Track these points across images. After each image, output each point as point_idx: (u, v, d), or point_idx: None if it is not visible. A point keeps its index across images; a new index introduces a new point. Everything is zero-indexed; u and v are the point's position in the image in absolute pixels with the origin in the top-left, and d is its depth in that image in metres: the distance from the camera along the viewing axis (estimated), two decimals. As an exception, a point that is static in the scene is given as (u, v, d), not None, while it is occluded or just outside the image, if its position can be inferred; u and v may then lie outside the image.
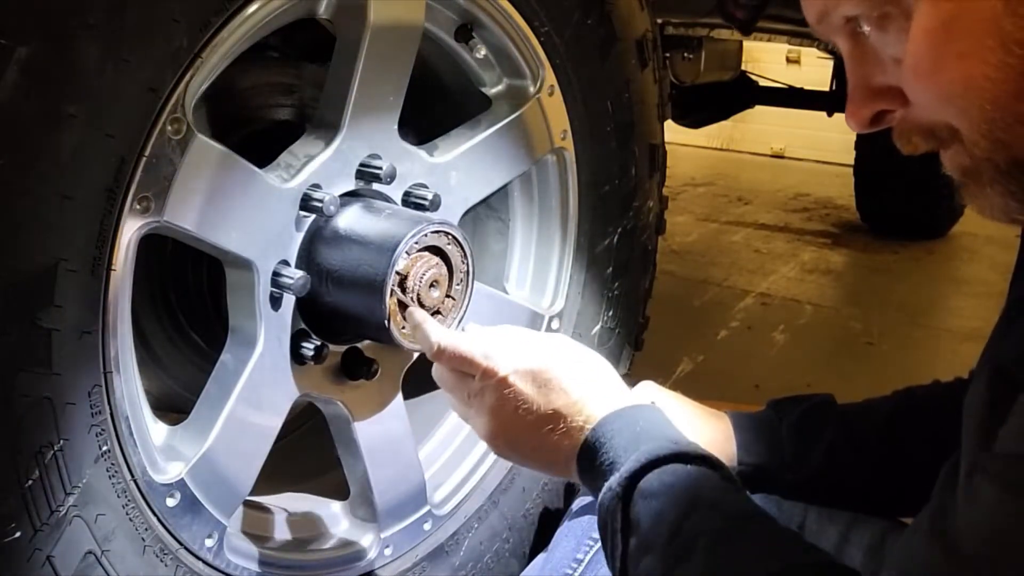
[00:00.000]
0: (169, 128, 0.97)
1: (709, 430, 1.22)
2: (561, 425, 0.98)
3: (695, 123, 4.01)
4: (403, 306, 1.16)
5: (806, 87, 4.39)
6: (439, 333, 1.11)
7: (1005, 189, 0.75)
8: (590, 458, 0.95)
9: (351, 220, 1.18)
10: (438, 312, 1.21)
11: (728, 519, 0.84)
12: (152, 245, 1.20)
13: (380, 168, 1.21)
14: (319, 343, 1.21)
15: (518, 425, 1.01)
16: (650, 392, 1.25)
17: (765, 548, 0.81)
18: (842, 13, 0.78)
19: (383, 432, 1.31)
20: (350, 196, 1.21)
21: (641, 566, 0.86)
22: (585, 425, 0.97)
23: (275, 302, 1.16)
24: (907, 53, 0.74)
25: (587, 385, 1.01)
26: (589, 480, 0.97)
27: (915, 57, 0.73)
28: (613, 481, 0.90)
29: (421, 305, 1.17)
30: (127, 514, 1.02)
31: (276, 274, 1.14)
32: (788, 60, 5.71)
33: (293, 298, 1.17)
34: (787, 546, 0.82)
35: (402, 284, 1.16)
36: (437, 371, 1.11)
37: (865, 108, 0.80)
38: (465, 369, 1.06)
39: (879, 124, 0.81)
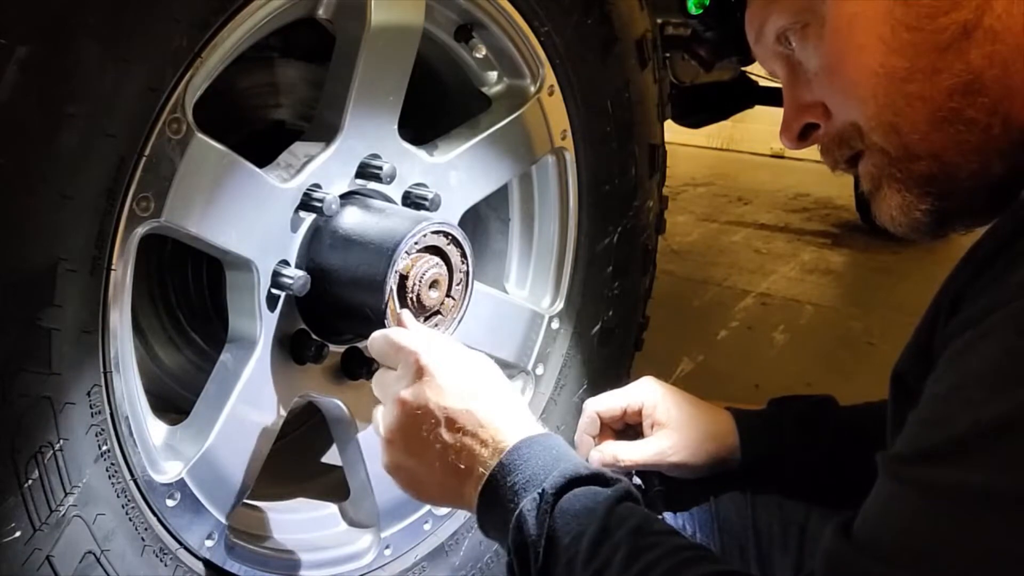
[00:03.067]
0: (169, 128, 0.97)
1: (711, 423, 1.22)
2: (461, 445, 0.95)
3: (695, 123, 4.00)
4: (403, 306, 1.16)
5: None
6: (380, 331, 1.08)
7: (900, 184, 0.82)
8: (499, 480, 0.92)
9: (351, 220, 1.18)
10: (438, 312, 1.21)
11: (644, 535, 0.85)
12: (152, 245, 1.20)
13: (380, 168, 1.21)
14: (319, 343, 1.21)
15: (412, 445, 0.98)
16: (651, 387, 1.25)
17: (677, 559, 0.82)
18: (773, 28, 0.86)
19: (383, 432, 1.31)
20: (350, 196, 1.21)
21: None
22: (486, 450, 0.94)
23: (275, 302, 1.16)
24: (821, 55, 0.82)
25: (497, 410, 0.98)
26: (493, 502, 0.93)
27: (826, 56, 0.81)
28: (531, 500, 0.88)
29: (421, 305, 1.17)
30: (127, 514, 1.02)
31: (276, 274, 1.14)
32: (788, 60, 5.70)
33: (293, 298, 1.17)
34: (702, 556, 0.84)
35: (402, 284, 1.15)
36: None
37: (794, 123, 0.88)
38: (385, 362, 1.05)
39: (806, 140, 0.89)
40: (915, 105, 0.77)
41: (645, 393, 1.23)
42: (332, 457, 1.48)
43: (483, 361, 1.04)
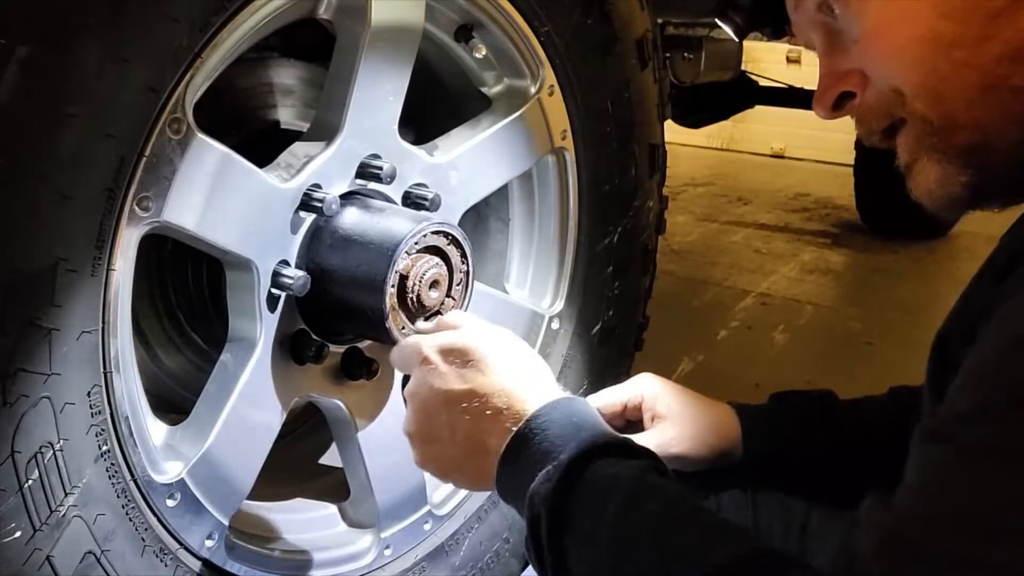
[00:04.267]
0: (169, 128, 0.97)
1: (712, 416, 1.21)
2: (486, 410, 0.91)
3: (695, 123, 4.00)
4: (403, 306, 1.16)
5: (806, 87, 4.38)
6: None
7: (941, 155, 0.81)
8: (519, 449, 0.89)
9: (351, 220, 1.18)
10: (438, 312, 1.21)
11: (673, 507, 0.81)
12: (152, 245, 1.20)
13: (380, 168, 1.21)
14: (319, 343, 1.21)
15: (433, 409, 0.95)
16: (650, 381, 1.24)
17: (713, 536, 0.78)
18: None
19: (383, 432, 1.31)
20: (350, 196, 1.21)
21: (582, 558, 0.81)
22: (512, 414, 0.91)
23: (275, 302, 1.16)
24: (865, 21, 0.81)
25: (518, 374, 0.95)
26: (512, 474, 0.89)
27: (871, 21, 0.81)
28: (552, 471, 0.84)
29: (421, 305, 1.17)
30: (127, 514, 1.02)
31: (276, 274, 1.14)
32: (788, 60, 5.70)
33: (293, 298, 1.17)
34: (734, 534, 0.80)
35: (402, 284, 1.15)
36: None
37: (831, 91, 0.87)
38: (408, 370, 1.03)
39: (841, 109, 0.88)
40: (962, 71, 0.77)
41: (645, 387, 1.23)
42: (331, 458, 1.48)
43: (507, 336, 1.01)
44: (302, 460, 1.52)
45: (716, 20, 1.06)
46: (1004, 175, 0.81)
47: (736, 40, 2.33)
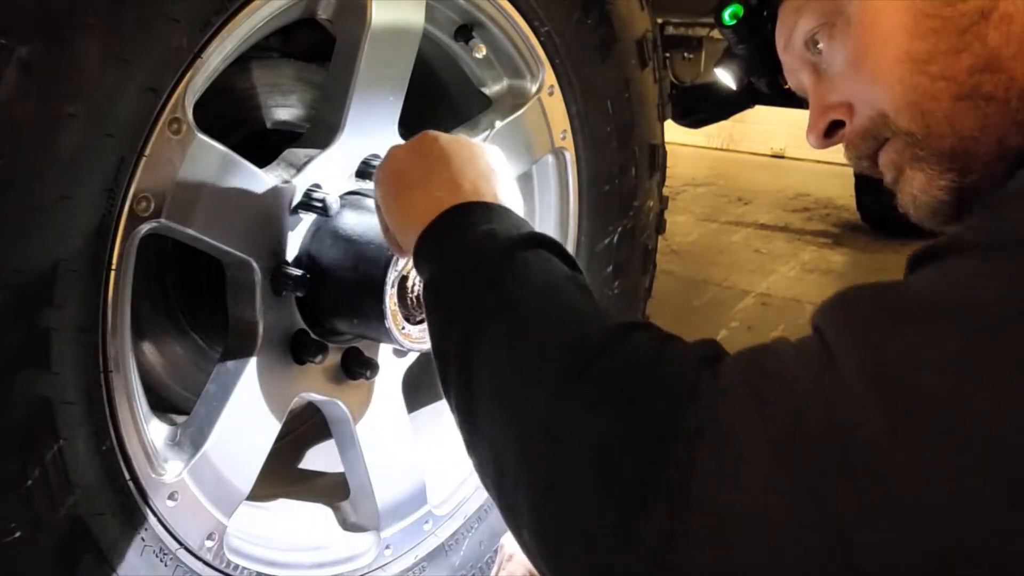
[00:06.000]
0: (169, 128, 0.97)
1: None
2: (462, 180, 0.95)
3: (695, 123, 4.00)
4: (403, 306, 1.16)
5: (806, 87, 4.37)
6: None
7: (923, 162, 0.87)
8: (484, 208, 0.92)
9: (351, 220, 1.18)
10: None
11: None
12: (152, 245, 1.20)
13: (380, 168, 1.21)
14: (319, 343, 1.21)
15: (415, 152, 0.99)
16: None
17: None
18: (802, 31, 0.91)
19: (383, 432, 1.31)
20: (350, 196, 1.21)
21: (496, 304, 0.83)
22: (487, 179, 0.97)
23: (275, 302, 1.16)
24: (847, 52, 0.87)
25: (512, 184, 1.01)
26: (446, 225, 0.90)
27: (852, 50, 0.87)
28: (507, 232, 0.87)
29: (421, 306, 1.17)
30: (127, 514, 1.02)
31: (276, 274, 1.14)
32: (788, 60, 5.70)
33: (293, 298, 1.17)
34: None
35: (402, 284, 1.15)
36: None
37: (820, 121, 0.94)
38: None
39: (832, 137, 0.94)
40: (938, 84, 0.82)
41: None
42: (330, 459, 1.48)
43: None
44: (302, 460, 1.52)
45: (715, 69, 1.10)
46: (984, 179, 0.85)
47: (735, 90, 2.36)
